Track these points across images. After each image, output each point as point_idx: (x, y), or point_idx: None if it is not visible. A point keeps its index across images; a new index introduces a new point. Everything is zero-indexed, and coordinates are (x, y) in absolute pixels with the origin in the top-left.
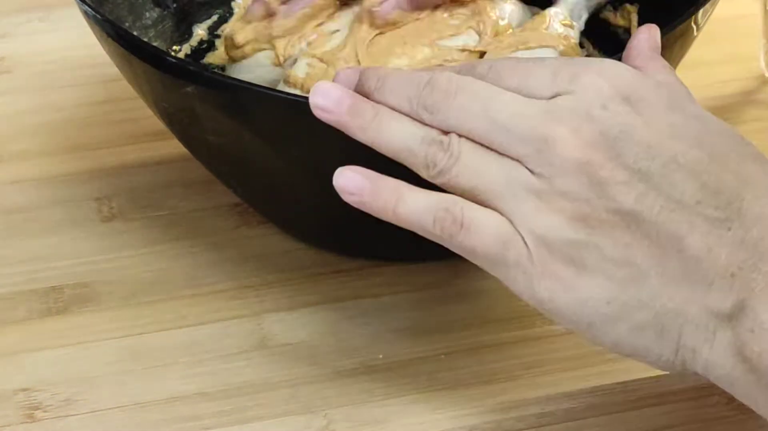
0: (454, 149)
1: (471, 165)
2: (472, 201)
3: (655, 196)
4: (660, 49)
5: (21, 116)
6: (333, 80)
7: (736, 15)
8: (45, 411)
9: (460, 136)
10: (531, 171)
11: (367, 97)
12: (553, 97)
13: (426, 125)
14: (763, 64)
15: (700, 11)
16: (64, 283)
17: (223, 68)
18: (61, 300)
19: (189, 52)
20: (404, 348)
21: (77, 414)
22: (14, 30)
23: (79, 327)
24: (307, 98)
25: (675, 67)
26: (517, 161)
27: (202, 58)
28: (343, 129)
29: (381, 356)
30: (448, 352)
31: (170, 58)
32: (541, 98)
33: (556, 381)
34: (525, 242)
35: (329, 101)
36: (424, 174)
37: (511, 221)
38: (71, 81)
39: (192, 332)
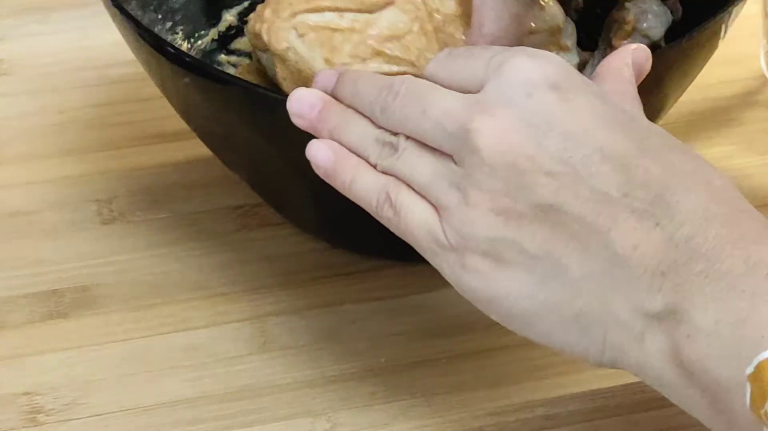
0: (399, 147)
1: (408, 162)
2: None
3: (578, 188)
4: (631, 69)
5: (20, 119)
6: (313, 82)
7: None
8: (47, 415)
9: (407, 137)
10: (457, 164)
11: (341, 101)
12: (483, 86)
13: (380, 126)
14: (763, 64)
15: (732, 12)
16: (65, 286)
17: (249, 55)
18: (62, 304)
19: (216, 37)
20: (407, 351)
21: (80, 418)
22: (13, 32)
23: (80, 330)
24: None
25: (699, 71)
26: (450, 155)
27: (230, 44)
28: (313, 133)
29: (383, 359)
30: (451, 355)
31: (169, 48)
32: (474, 90)
33: (560, 384)
34: (446, 235)
35: (303, 107)
36: (378, 170)
37: (438, 213)
38: (70, 83)
39: (194, 335)
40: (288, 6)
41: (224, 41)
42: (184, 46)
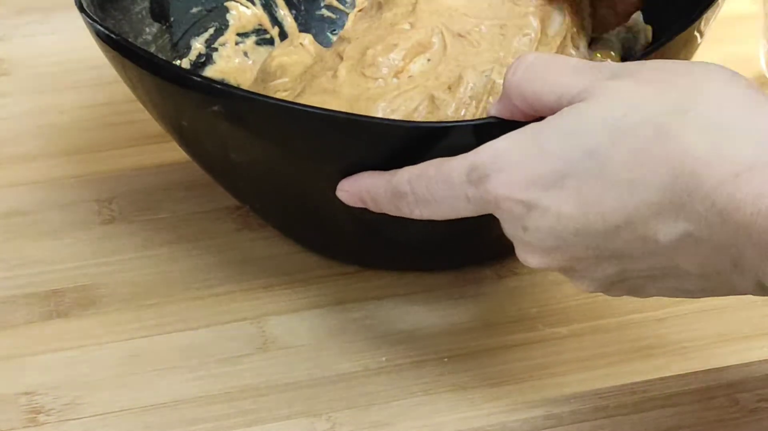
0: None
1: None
2: None
3: (630, 252)
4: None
5: (20, 119)
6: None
7: (736, 15)
8: (48, 415)
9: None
10: None
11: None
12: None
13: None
14: (763, 64)
15: (702, 19)
16: (65, 286)
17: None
18: (62, 304)
19: (188, 66)
20: (407, 350)
21: (80, 418)
22: (13, 32)
23: (80, 330)
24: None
25: None
26: None
27: (202, 71)
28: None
29: (384, 358)
30: (452, 355)
31: (198, 78)
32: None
33: (561, 384)
34: None
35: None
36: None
37: None
38: (70, 83)
39: (194, 335)
40: None
41: (196, 69)
42: None
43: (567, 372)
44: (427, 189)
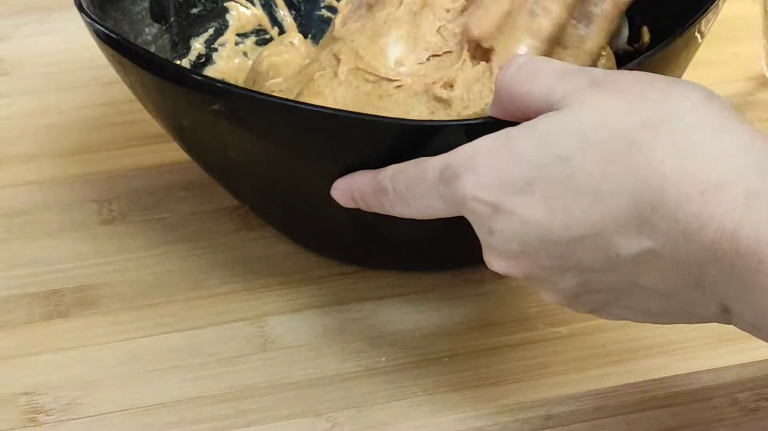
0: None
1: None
2: None
3: (591, 264)
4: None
5: (20, 119)
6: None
7: (736, 15)
8: (48, 415)
9: None
10: None
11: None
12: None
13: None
14: (763, 64)
15: (703, 20)
16: (65, 286)
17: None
18: (62, 303)
19: (188, 66)
20: (407, 350)
21: (80, 418)
22: (13, 32)
23: (80, 330)
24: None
25: (681, 74)
26: None
27: (201, 72)
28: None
29: (384, 359)
30: (451, 355)
31: (198, 76)
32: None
33: (561, 383)
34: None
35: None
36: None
37: None
38: (70, 83)
39: (194, 335)
40: None
41: (196, 69)
42: None
43: (567, 371)
44: (405, 186)
